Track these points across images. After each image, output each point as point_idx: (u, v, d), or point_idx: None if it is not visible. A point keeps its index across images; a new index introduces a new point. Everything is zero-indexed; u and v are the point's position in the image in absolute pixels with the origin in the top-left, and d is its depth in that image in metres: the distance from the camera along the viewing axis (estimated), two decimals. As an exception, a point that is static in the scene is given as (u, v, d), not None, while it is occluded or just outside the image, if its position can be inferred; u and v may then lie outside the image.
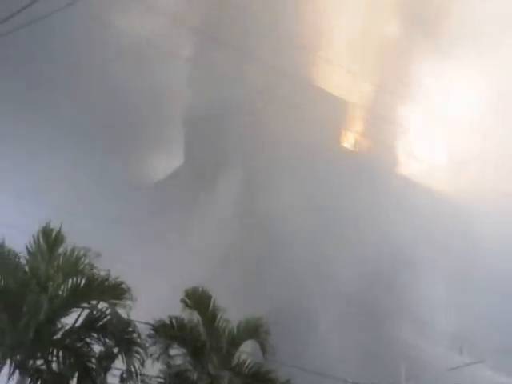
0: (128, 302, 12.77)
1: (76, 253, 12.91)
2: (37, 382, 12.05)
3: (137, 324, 12.94)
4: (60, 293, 12.80)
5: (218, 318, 13.60)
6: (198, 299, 13.60)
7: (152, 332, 13.12)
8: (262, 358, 13.69)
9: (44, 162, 28.70)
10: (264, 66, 30.05)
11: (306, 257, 29.18)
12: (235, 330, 13.67)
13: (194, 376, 13.32)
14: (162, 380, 13.18)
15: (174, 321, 13.42)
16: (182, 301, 13.65)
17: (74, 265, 12.86)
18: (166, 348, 13.10)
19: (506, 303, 30.46)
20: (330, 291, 27.88)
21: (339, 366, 24.03)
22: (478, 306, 30.70)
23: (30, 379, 12.09)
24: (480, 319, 30.01)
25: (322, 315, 28.03)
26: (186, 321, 13.48)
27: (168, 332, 13.21)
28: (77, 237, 13.16)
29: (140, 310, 12.92)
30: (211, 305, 13.66)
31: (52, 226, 13.14)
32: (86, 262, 12.86)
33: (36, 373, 12.14)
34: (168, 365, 13.24)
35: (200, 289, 13.84)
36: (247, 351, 14.14)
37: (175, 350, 13.40)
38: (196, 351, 13.31)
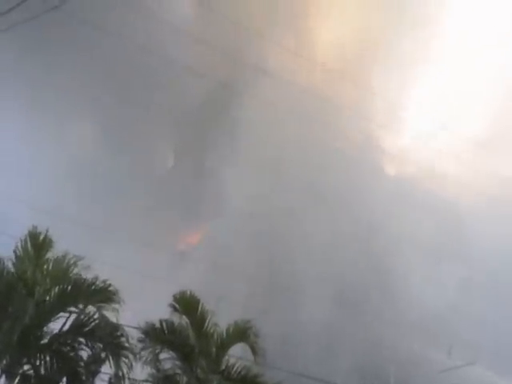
0: (116, 306, 12.65)
1: (67, 260, 12.72)
2: (24, 387, 11.89)
3: (125, 328, 12.73)
4: (47, 298, 12.70)
5: (207, 322, 13.42)
6: (186, 303, 13.42)
7: (142, 336, 12.87)
8: (252, 360, 13.51)
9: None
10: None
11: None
12: (224, 334, 13.51)
13: (183, 380, 13.15)
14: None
15: (164, 324, 13.19)
16: (171, 305, 13.45)
17: (64, 272, 12.73)
18: (156, 352, 12.87)
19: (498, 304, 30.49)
20: (321, 292, 27.79)
21: (329, 369, 23.93)
22: (470, 307, 30.66)
23: (17, 384, 11.91)
24: (471, 320, 29.97)
25: (312, 318, 27.92)
26: (175, 324, 13.26)
27: (158, 336, 12.99)
28: (64, 240, 12.95)
29: (128, 313, 12.73)
30: (199, 308, 13.48)
31: (39, 230, 12.91)
32: (76, 270, 12.65)
33: (23, 378, 12.04)
34: (157, 369, 13.04)
35: (188, 292, 13.64)
36: (236, 355, 13.94)
37: (164, 354, 13.18)
38: (185, 355, 13.15)
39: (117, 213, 27.46)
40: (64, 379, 12.50)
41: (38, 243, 12.84)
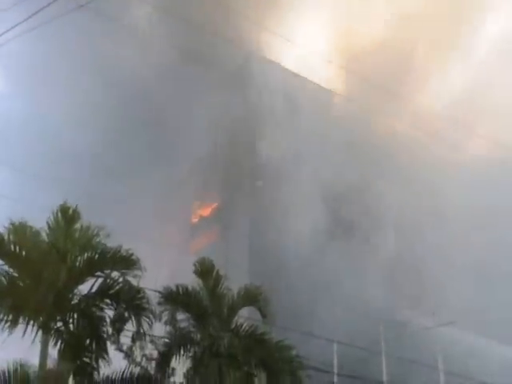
0: (138, 272, 13.31)
1: (91, 230, 13.32)
2: (57, 341, 12.63)
3: (146, 291, 13.45)
4: (77, 263, 13.34)
5: (220, 285, 14.21)
6: (204, 268, 14.21)
7: (161, 299, 13.66)
8: (259, 321, 14.30)
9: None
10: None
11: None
12: (235, 297, 14.29)
13: (197, 337, 13.97)
14: (168, 340, 13.81)
15: (180, 289, 13.99)
16: (194, 265, 14.16)
17: (89, 240, 13.31)
18: (173, 313, 13.69)
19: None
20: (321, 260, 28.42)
21: (325, 327, 24.83)
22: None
23: (51, 339, 12.62)
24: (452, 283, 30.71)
25: (312, 283, 28.68)
26: (190, 288, 14.06)
27: (175, 298, 13.78)
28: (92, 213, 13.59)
29: (148, 278, 13.45)
30: (214, 273, 14.24)
31: (69, 204, 13.51)
32: (99, 239, 13.27)
33: (56, 333, 12.71)
34: (174, 327, 13.86)
35: (206, 259, 14.38)
36: (244, 316, 14.76)
37: (181, 315, 14.00)
38: (199, 315, 13.93)
39: (136, 188, 27.98)
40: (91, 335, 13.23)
41: (68, 216, 13.43)
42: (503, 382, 25.81)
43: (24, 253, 12.92)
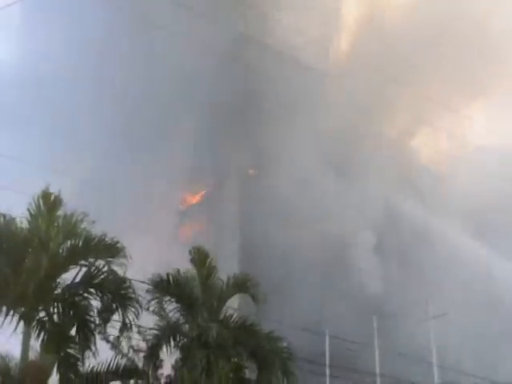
0: (123, 260, 12.91)
1: (75, 217, 12.91)
2: (40, 332, 12.23)
3: (132, 281, 13.06)
4: (60, 251, 12.93)
5: (213, 275, 13.81)
6: (199, 256, 13.79)
7: (150, 287, 13.24)
8: (249, 312, 13.96)
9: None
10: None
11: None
12: (224, 286, 13.89)
13: (185, 328, 13.59)
14: (157, 332, 13.40)
15: (170, 277, 13.56)
16: (189, 253, 13.76)
17: (72, 227, 12.91)
18: (162, 302, 13.28)
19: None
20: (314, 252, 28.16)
21: (319, 321, 24.59)
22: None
23: (34, 330, 12.22)
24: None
25: (306, 274, 28.42)
26: (180, 277, 13.64)
27: (165, 288, 13.35)
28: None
29: (133, 267, 13.03)
30: (208, 262, 13.82)
31: (51, 191, 13.10)
32: (83, 226, 12.87)
33: (39, 324, 12.31)
34: (162, 317, 13.46)
35: (201, 247, 13.98)
36: (234, 307, 14.38)
37: (169, 306, 13.60)
38: (188, 306, 13.53)
39: (123, 174, 27.55)
40: (75, 325, 12.84)
41: (49, 202, 13.01)
42: (497, 375, 25.69)
43: (2, 243, 12.44)
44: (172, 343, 13.39)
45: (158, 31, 27.85)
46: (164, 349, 13.39)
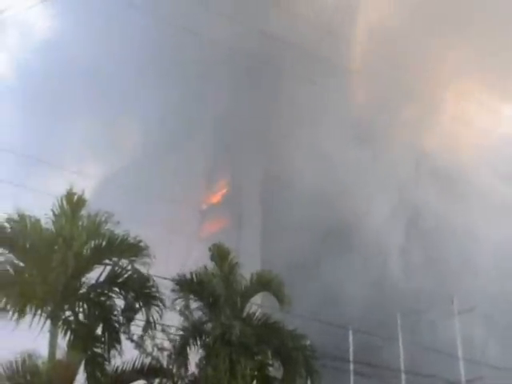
0: (146, 259, 12.95)
1: (98, 217, 12.99)
2: (66, 331, 12.36)
3: (155, 279, 13.09)
4: (84, 251, 13.04)
5: (235, 272, 13.79)
6: (219, 253, 13.76)
7: (176, 287, 13.26)
8: (273, 309, 13.89)
9: None
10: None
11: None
12: (248, 283, 13.85)
13: (209, 326, 13.60)
14: (182, 332, 13.43)
15: (194, 276, 13.56)
16: (209, 250, 13.74)
17: (96, 227, 13.00)
18: (187, 301, 13.29)
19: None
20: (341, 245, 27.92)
21: (343, 315, 24.42)
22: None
23: (60, 328, 12.35)
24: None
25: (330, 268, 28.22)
26: (203, 276, 13.65)
27: (189, 286, 13.37)
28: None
29: (157, 265, 13.07)
30: (230, 259, 13.79)
31: (74, 191, 13.19)
32: (108, 226, 12.94)
33: (65, 323, 12.45)
34: (185, 316, 13.49)
35: (221, 244, 14.00)
36: (257, 303, 14.33)
37: (193, 304, 13.62)
38: (212, 304, 13.53)
39: (146, 173, 27.74)
40: (100, 325, 12.93)
41: (73, 203, 13.13)
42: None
43: (28, 244, 12.58)
44: (197, 342, 13.38)
45: (184, 34, 27.81)
46: (189, 348, 13.39)
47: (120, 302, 12.99)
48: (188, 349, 13.34)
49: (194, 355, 13.48)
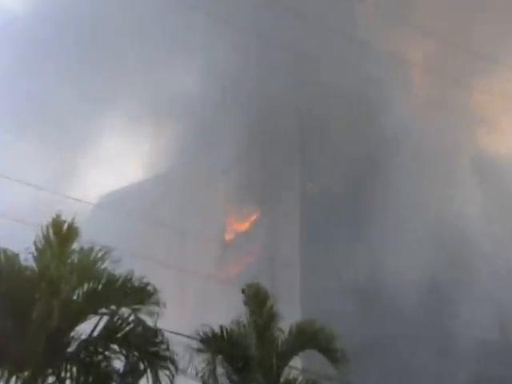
0: (154, 308, 10.66)
1: (94, 253, 10.48)
2: (48, 403, 10.09)
3: (166, 334, 10.73)
4: (74, 297, 10.87)
5: (273, 325, 10.61)
6: (255, 296, 10.67)
7: (202, 346, 10.25)
8: (319, 374, 10.75)
9: None
10: None
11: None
12: (287, 337, 10.67)
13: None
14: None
15: (224, 331, 10.49)
16: (242, 292, 10.95)
17: (91, 266, 10.54)
18: (213, 364, 10.14)
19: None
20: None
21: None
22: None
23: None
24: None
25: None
26: (236, 330, 10.53)
27: (217, 345, 10.25)
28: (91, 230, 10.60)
29: (168, 316, 10.29)
30: (268, 305, 10.69)
31: (63, 218, 10.71)
32: (105, 264, 10.37)
33: (47, 392, 10.50)
34: (208, 384, 10.43)
35: (258, 284, 11.03)
36: (298, 367, 11.16)
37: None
38: (242, 367, 10.41)
39: (152, 199, 25.20)
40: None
41: (61, 233, 10.87)
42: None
43: (1, 288, 10.30)
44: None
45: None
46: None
47: (119, 364, 10.63)
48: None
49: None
